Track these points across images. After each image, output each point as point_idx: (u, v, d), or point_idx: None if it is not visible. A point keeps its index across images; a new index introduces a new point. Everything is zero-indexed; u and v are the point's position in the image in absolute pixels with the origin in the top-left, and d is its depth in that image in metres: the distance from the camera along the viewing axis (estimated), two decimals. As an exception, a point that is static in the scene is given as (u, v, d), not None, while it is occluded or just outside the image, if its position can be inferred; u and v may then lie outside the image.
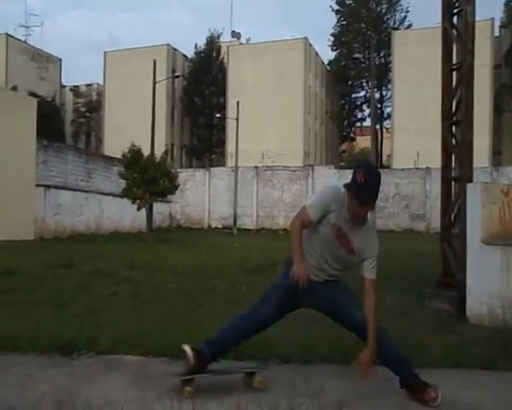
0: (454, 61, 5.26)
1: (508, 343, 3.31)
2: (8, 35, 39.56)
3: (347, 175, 25.54)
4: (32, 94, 29.66)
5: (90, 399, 2.39)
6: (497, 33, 34.99)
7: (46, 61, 44.33)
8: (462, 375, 2.91)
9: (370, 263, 2.61)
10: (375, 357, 2.47)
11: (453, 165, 5.26)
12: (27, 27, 45.51)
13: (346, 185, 2.59)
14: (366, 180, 2.48)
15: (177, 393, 2.48)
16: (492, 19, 33.07)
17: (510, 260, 4.11)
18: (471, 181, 4.71)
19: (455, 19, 5.23)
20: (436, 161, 8.17)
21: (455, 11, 5.20)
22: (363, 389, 2.59)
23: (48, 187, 16.01)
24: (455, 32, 5.17)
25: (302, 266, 2.49)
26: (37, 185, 15.20)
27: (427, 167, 23.91)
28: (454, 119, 5.20)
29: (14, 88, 32.02)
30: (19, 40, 42.30)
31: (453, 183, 5.22)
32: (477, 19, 4.90)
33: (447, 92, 5.26)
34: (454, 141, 5.20)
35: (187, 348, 2.59)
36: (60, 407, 2.22)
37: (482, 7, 6.49)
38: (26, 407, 2.25)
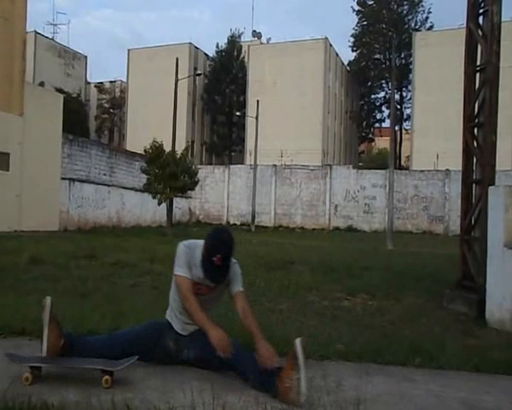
0: (478, 62, 5.20)
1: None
2: (37, 32, 40.35)
3: (365, 176, 25.60)
4: (59, 90, 30.36)
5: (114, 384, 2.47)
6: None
7: (72, 58, 45.27)
8: (482, 379, 2.83)
9: (235, 282, 2.65)
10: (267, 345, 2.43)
11: (474, 167, 5.20)
12: (55, 25, 46.61)
13: (202, 253, 2.56)
14: (223, 263, 2.51)
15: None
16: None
17: (535, 266, 4.03)
18: (493, 184, 4.65)
19: (480, 19, 5.16)
20: (456, 164, 8.09)
21: (480, 11, 5.13)
22: (380, 387, 2.61)
23: (72, 180, 16.43)
24: (480, 32, 5.11)
25: (219, 332, 2.41)
26: (62, 178, 15.62)
27: (447, 169, 23.56)
28: (476, 121, 5.14)
29: (42, 84, 32.78)
30: (46, 37, 43.26)
31: (474, 185, 5.16)
32: (502, 20, 4.83)
33: (470, 94, 5.19)
34: (475, 143, 5.14)
35: (48, 300, 2.44)
36: (84, 392, 2.30)
37: (508, 8, 6.38)
38: (51, 392, 2.32)
